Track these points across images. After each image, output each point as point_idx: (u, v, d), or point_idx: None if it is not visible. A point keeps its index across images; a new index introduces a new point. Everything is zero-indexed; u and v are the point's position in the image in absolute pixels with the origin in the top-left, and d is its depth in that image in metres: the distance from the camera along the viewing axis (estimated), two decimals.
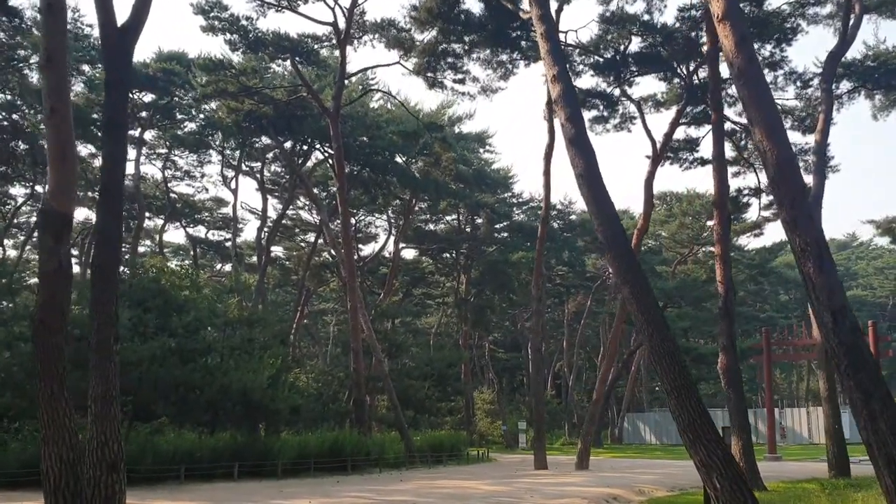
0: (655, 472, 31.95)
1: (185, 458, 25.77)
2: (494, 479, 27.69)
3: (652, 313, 16.67)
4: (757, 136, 14.11)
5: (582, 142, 18.46)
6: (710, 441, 15.49)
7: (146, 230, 59.72)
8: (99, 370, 12.71)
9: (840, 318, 12.63)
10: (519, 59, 35.23)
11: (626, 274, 17.01)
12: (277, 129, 42.60)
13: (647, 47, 32.75)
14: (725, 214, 25.94)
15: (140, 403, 26.93)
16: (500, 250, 62.15)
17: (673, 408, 15.96)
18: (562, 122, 18.71)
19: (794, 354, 48.62)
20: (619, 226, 17.66)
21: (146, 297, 28.91)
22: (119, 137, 13.96)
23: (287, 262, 68.13)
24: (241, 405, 28.59)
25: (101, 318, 12.85)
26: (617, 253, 17.26)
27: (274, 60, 38.93)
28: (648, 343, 16.45)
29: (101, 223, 13.54)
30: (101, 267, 13.12)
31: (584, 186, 17.93)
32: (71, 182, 12.51)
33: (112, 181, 13.52)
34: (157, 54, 45.00)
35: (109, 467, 12.43)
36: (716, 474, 15.20)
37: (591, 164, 18.23)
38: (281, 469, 28.09)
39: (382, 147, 43.57)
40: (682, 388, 15.97)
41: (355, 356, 36.08)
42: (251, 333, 32.37)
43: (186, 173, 57.31)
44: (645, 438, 70.55)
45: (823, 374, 27.37)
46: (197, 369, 27.76)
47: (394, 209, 59.97)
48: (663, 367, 16.16)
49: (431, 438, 39.35)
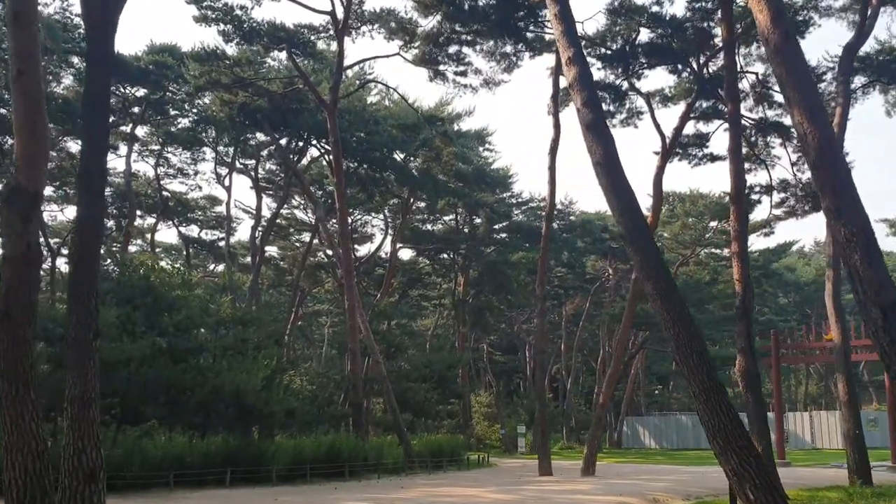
0: (664, 478, 30.81)
1: (175, 464, 24.50)
2: (499, 486, 26.46)
3: (678, 310, 15.51)
4: (796, 117, 13.02)
5: (600, 127, 17.32)
6: (743, 448, 14.35)
7: (137, 229, 58.33)
8: (76, 369, 11.45)
9: (891, 314, 11.55)
10: (523, 50, 34.15)
11: (650, 269, 15.86)
12: (273, 123, 41.26)
13: (657, 38, 31.63)
14: (742, 210, 24.78)
15: (128, 405, 25.82)
16: (498, 251, 61.06)
17: (702, 412, 14.81)
18: (578, 107, 17.59)
19: (806, 357, 47.52)
20: (640, 217, 16.51)
21: (135, 295, 27.67)
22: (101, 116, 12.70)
23: (282, 262, 66.89)
24: (234, 408, 27.37)
25: (79, 312, 11.59)
26: (639, 246, 16.11)
27: (269, 52, 37.63)
28: (674, 343, 15.29)
29: (80, 209, 12.30)
30: (81, 256, 11.88)
31: (603, 175, 16.78)
32: (41, 156, 11.26)
33: (93, 164, 12.31)
34: (150, 47, 43.65)
35: (87, 477, 11.19)
36: (749, 484, 14.07)
37: (611, 150, 17.07)
38: (276, 475, 26.77)
39: (380, 143, 42.26)
40: (712, 391, 14.82)
41: (353, 357, 34.74)
42: (245, 333, 31.11)
43: (179, 171, 55.93)
44: (644, 443, 69.72)
45: (843, 376, 26.26)
46: (188, 370, 26.56)
47: (391, 208, 58.85)
48: (690, 367, 15.01)
49: (430, 443, 38.08)
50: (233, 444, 27.52)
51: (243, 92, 38.61)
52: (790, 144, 34.70)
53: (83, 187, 12.20)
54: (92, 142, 12.35)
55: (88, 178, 12.15)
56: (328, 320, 79.20)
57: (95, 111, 12.37)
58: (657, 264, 15.90)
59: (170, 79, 43.36)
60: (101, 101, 12.41)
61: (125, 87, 44.50)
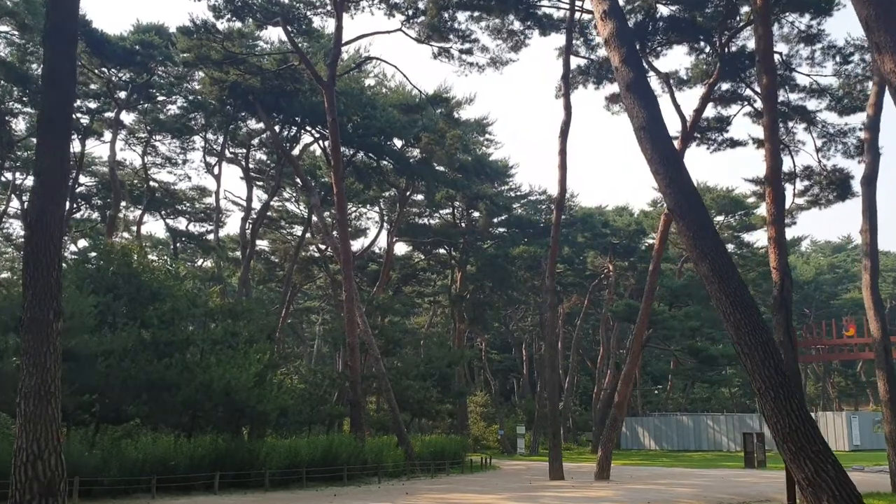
0: (684, 482, 28.84)
1: (158, 467, 22.30)
2: (511, 492, 24.33)
3: (739, 294, 13.43)
4: (887, 65, 10.98)
5: (642, 87, 15.25)
6: (818, 454, 12.30)
7: (123, 221, 55.93)
8: (31, 356, 9.30)
9: None
10: (533, 26, 32.14)
11: (706, 246, 13.75)
12: (265, 106, 38.92)
13: (679, 11, 29.63)
14: (779, 191, 22.71)
15: (107, 403, 23.65)
16: (498, 245, 59.12)
17: (769, 412, 12.75)
18: (616, 66, 15.55)
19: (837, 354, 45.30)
20: (691, 187, 14.40)
21: (116, 283, 25.42)
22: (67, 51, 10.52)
23: (272, 255, 64.65)
24: (223, 406, 25.17)
25: (36, 286, 9.44)
26: (692, 220, 14.01)
27: (263, 28, 35.20)
28: (735, 332, 13.20)
29: (41, 161, 10.14)
30: (39, 216, 9.73)
31: (647, 141, 14.72)
32: None
33: (56, 109, 10.15)
34: (136, 26, 41.30)
35: (43, 489, 9.03)
36: (827, 496, 12.03)
37: (655, 114, 14.99)
38: (269, 479, 24.58)
39: (378, 128, 39.92)
40: (781, 388, 12.75)
41: (351, 352, 32.41)
42: (235, 326, 28.87)
43: (167, 160, 53.69)
44: (644, 444, 68.12)
45: (883, 373, 24.24)
46: (173, 365, 24.32)
47: (385, 201, 56.82)
48: (755, 361, 12.94)
49: (431, 444, 35.92)
50: (222, 446, 25.29)
51: (234, 70, 36.36)
52: (815, 129, 32.79)
53: (45, 136, 10.07)
54: (55, 82, 10.21)
55: (52, 128, 10.02)
56: (319, 318, 77.25)
57: (60, 44, 10.22)
58: (714, 241, 13.84)
59: (157, 60, 41.16)
60: (67, 31, 10.26)
61: (109, 69, 42.29)
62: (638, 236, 65.25)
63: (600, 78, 33.79)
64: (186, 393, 24.11)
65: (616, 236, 63.80)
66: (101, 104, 45.78)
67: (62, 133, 10.30)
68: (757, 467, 38.91)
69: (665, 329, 55.82)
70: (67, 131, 10.56)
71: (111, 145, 44.55)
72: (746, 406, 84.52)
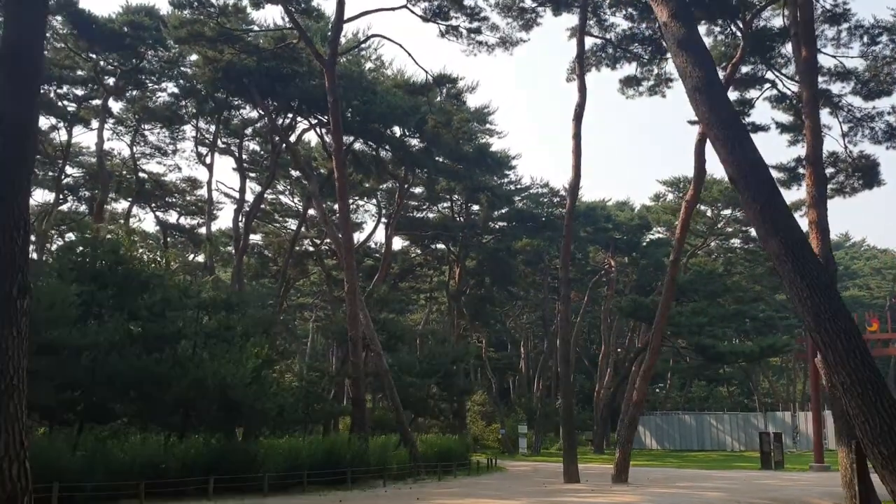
0: (706, 485, 27.22)
1: (147, 471, 20.47)
2: (529, 496, 22.57)
3: (818, 276, 11.71)
4: None
5: (695, 43, 13.50)
6: None
7: (111, 213, 53.94)
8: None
9: None
10: (546, 3, 30.46)
11: (777, 219, 12.00)
12: (261, 89, 37.04)
13: None
14: (820, 172, 21.06)
15: (92, 400, 21.82)
16: (499, 239, 57.42)
17: (855, 410, 10.99)
18: (664, 21, 13.86)
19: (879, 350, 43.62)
20: (756, 154, 12.68)
21: (102, 271, 23.55)
22: None
23: (266, 250, 62.72)
24: (218, 404, 23.35)
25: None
26: (757, 192, 12.27)
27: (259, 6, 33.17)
28: (813, 320, 11.45)
29: (3, 108, 8.32)
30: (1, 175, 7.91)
31: (704, 103, 12.99)
32: None
33: (22, 42, 8.36)
34: (124, 7, 39.27)
35: None
36: None
37: (711, 72, 13.27)
38: (267, 483, 22.73)
39: (378, 113, 38.05)
40: (869, 383, 11.00)
41: (353, 347, 30.50)
42: (230, 319, 27.03)
43: (157, 149, 51.71)
44: (645, 443, 67.02)
45: None
46: (164, 359, 22.56)
47: (383, 193, 55.00)
48: (838, 352, 11.20)
49: (435, 444, 34.18)
50: (216, 447, 23.47)
51: (229, 49, 34.44)
52: (841, 113, 31.20)
53: (7, 75, 8.25)
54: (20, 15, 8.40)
55: (16, 60, 8.22)
56: (312, 314, 75.46)
57: None
58: (786, 213, 12.14)
59: (147, 43, 39.20)
60: None
61: (97, 53, 40.36)
62: (640, 231, 63.73)
63: (615, 59, 32.17)
64: (178, 390, 22.31)
65: (618, 231, 62.28)
66: (88, 91, 43.90)
67: (31, 72, 8.50)
68: (774, 468, 37.39)
69: (671, 325, 54.18)
70: (38, 71, 8.75)
71: (98, 133, 42.50)
72: (745, 405, 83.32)
